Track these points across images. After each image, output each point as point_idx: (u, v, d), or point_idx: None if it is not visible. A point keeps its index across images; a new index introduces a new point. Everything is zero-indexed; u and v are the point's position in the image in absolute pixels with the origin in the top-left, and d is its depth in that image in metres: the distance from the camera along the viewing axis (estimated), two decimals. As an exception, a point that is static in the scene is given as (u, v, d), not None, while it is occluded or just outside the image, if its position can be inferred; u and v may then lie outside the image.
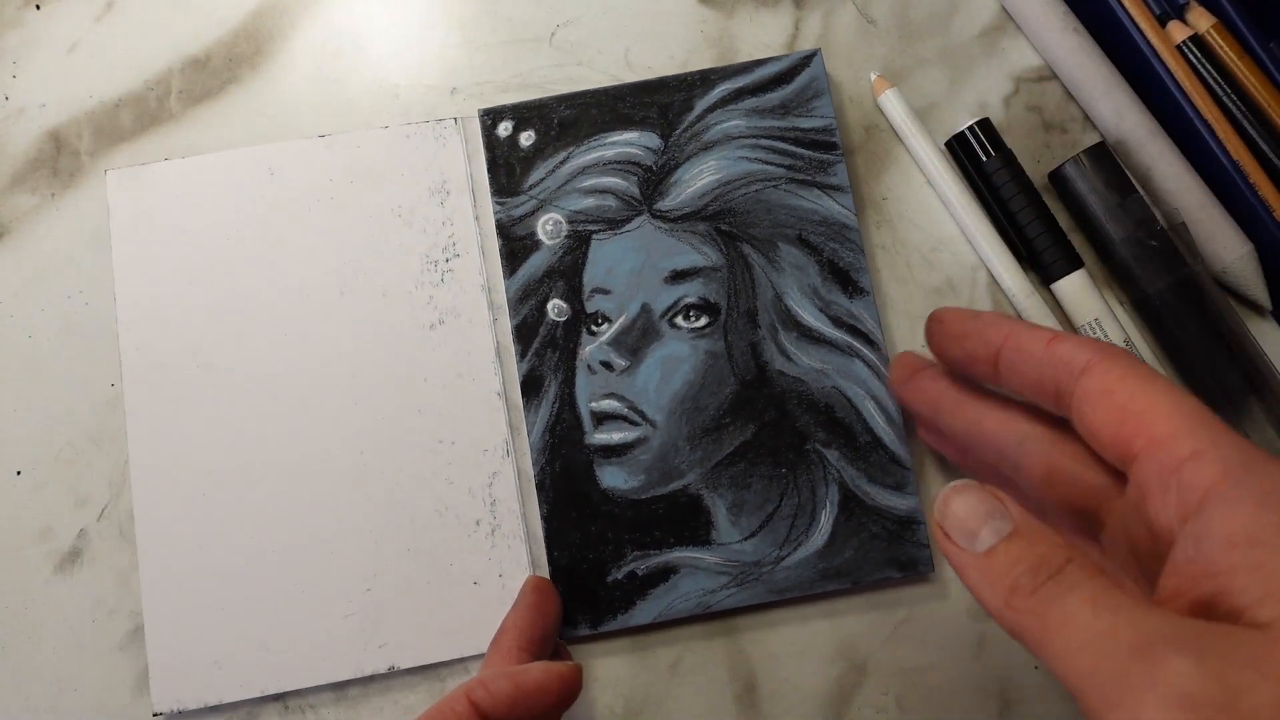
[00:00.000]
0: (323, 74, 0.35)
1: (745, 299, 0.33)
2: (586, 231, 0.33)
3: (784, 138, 0.33)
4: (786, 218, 0.33)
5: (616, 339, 0.32)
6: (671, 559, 0.31)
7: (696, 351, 0.32)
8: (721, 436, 0.32)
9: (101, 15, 0.36)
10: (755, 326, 0.32)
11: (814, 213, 0.33)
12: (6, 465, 0.32)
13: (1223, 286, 0.34)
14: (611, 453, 0.32)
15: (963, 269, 0.35)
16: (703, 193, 0.33)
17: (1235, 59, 0.34)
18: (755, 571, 0.31)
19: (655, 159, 0.33)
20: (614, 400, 0.32)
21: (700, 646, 0.32)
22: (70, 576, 0.32)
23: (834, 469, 0.32)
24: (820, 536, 0.31)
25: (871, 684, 0.32)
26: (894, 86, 0.35)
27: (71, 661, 0.31)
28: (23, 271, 0.34)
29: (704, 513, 0.31)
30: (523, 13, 0.36)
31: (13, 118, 0.35)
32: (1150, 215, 0.33)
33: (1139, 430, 0.21)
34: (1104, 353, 0.22)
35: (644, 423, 0.32)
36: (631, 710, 0.31)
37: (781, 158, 0.33)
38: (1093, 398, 0.22)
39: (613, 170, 0.33)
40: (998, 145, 0.34)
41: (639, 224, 0.33)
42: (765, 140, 0.34)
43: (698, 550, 0.31)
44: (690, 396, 0.32)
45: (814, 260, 0.33)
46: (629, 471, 0.32)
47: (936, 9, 0.37)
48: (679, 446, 0.32)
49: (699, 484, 0.32)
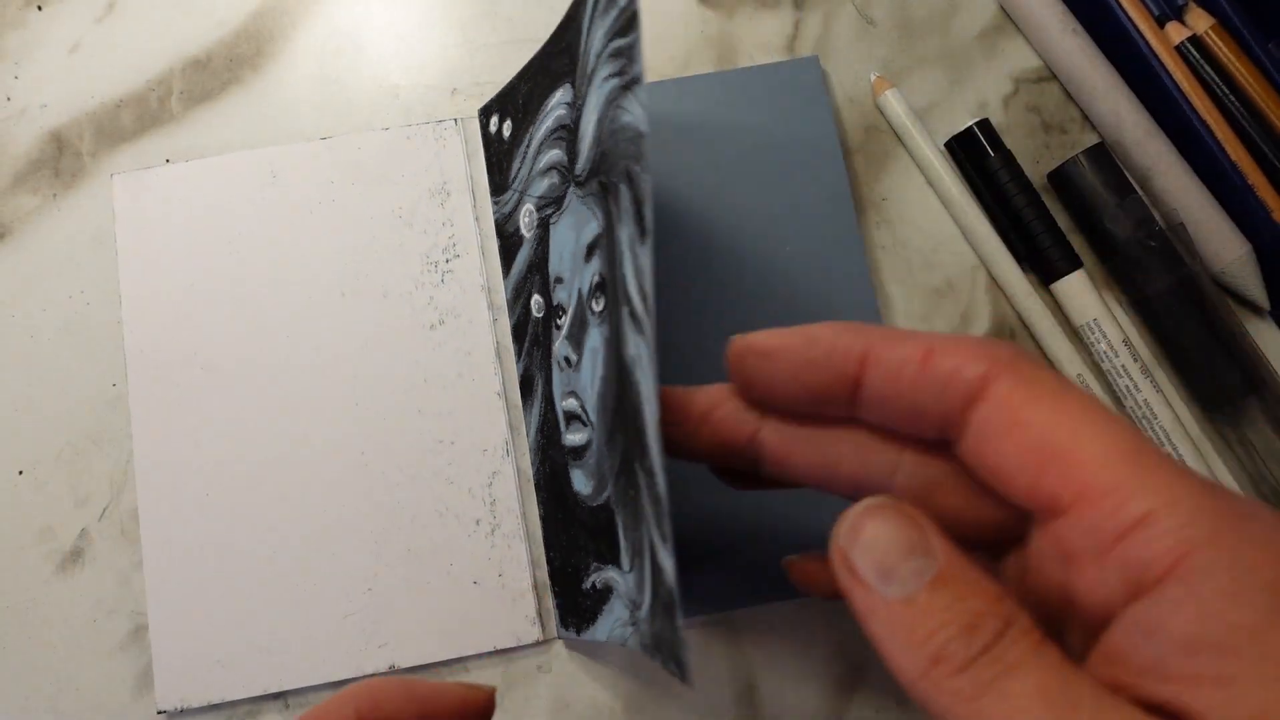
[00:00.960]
0: (323, 74, 0.36)
1: (614, 268, 0.24)
2: (545, 216, 0.29)
3: (613, 38, 0.24)
4: (622, 146, 0.23)
5: (569, 332, 0.28)
6: (606, 577, 0.26)
7: (604, 340, 0.26)
8: (614, 442, 0.25)
9: (103, 16, 0.36)
10: (618, 304, 0.24)
11: (626, 129, 0.23)
12: (7, 465, 0.33)
13: (1221, 287, 0.34)
14: (575, 455, 0.28)
15: (963, 269, 0.35)
16: (592, 142, 0.26)
17: (1234, 60, 0.34)
18: (634, 616, 0.24)
19: (572, 115, 0.27)
20: (573, 399, 0.28)
21: (700, 646, 0.32)
22: (71, 576, 0.32)
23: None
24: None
25: (871, 684, 0.32)
26: (894, 87, 0.35)
27: (71, 661, 0.31)
28: (24, 272, 0.34)
29: (614, 531, 0.26)
30: (523, 13, 0.36)
31: (14, 118, 0.35)
32: (1149, 216, 0.33)
33: (1064, 479, 0.16)
34: (999, 362, 0.17)
35: (589, 424, 0.27)
36: (631, 710, 0.31)
37: (616, 63, 0.24)
38: (995, 431, 0.17)
39: (553, 141, 0.28)
40: (997, 145, 0.34)
41: (569, 197, 0.28)
42: (608, 53, 0.24)
43: (616, 573, 0.26)
44: (604, 394, 0.26)
45: (632, 202, 0.22)
46: (586, 475, 0.28)
47: (936, 9, 0.37)
48: (603, 451, 0.26)
49: (611, 497, 0.26)
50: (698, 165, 0.33)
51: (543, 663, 0.32)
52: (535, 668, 0.32)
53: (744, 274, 0.33)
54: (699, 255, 0.33)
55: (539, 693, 0.31)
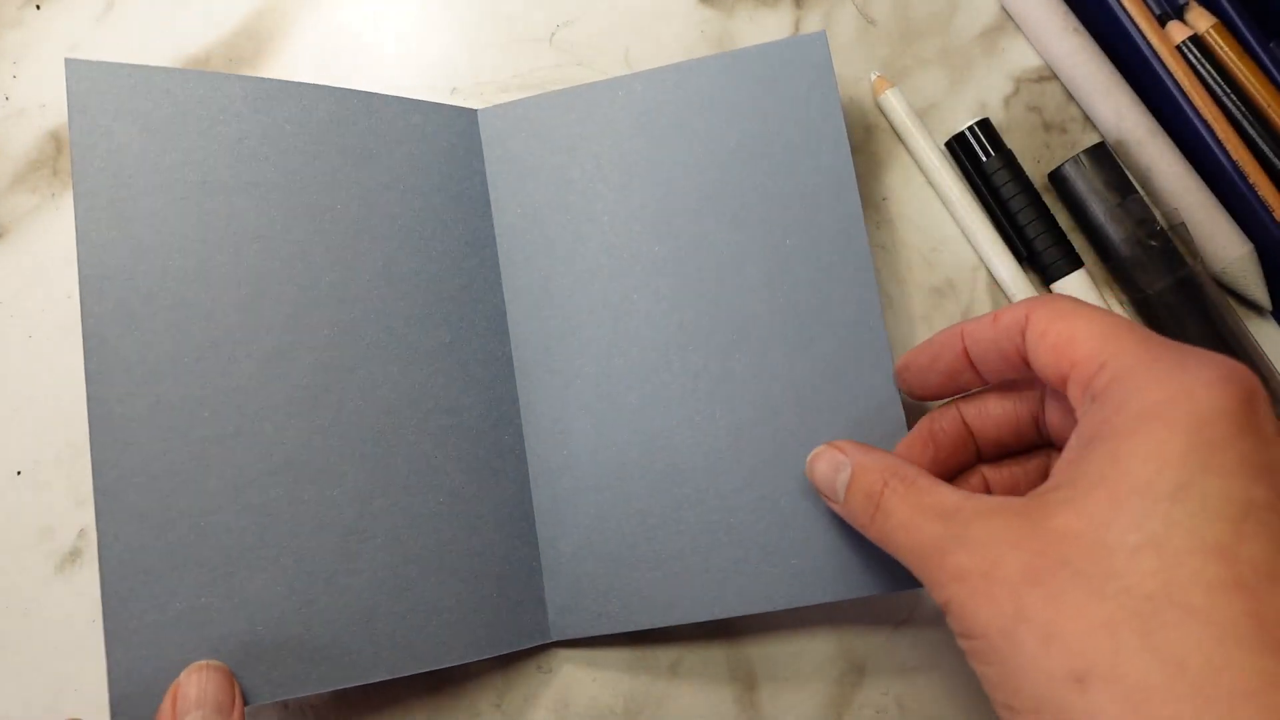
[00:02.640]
0: (323, 74, 0.35)
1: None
2: None
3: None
4: None
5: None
6: None
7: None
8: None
9: (102, 16, 0.36)
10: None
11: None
12: (6, 465, 0.33)
13: (1222, 286, 0.34)
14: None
15: (963, 269, 0.35)
16: None
17: (1235, 59, 0.34)
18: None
19: None
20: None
21: (700, 646, 0.32)
22: (70, 576, 0.32)
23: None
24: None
25: (871, 684, 0.32)
26: (894, 86, 0.35)
27: (71, 661, 0.31)
28: (23, 271, 0.34)
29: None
30: (523, 13, 0.36)
31: (13, 118, 0.35)
32: (1150, 215, 0.33)
33: (1066, 358, 0.22)
34: (1036, 304, 0.24)
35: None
36: (631, 710, 0.31)
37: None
38: (1034, 347, 0.23)
39: None
40: (998, 145, 0.34)
41: None
42: None
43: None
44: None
45: None
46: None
47: (936, 9, 0.37)
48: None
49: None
50: (697, 154, 0.32)
51: (542, 663, 0.32)
52: (535, 667, 0.32)
53: (745, 267, 0.31)
54: (695, 249, 0.32)
55: (539, 692, 0.31)
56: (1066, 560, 0.19)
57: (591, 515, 0.31)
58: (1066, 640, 0.18)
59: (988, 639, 0.20)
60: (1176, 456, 0.19)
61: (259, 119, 0.29)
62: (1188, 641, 0.17)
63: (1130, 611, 0.18)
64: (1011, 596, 0.19)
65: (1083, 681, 0.18)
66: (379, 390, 0.30)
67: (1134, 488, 0.19)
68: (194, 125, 0.28)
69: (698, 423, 0.31)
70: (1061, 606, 0.19)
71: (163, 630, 0.26)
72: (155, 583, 0.26)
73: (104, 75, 0.28)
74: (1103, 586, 0.18)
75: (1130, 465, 0.19)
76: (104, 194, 0.27)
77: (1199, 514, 0.18)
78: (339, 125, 0.31)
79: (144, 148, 0.28)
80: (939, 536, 0.22)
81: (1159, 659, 0.17)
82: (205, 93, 0.29)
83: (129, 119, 0.28)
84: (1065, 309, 0.23)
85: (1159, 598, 0.18)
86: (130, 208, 0.27)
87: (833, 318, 0.31)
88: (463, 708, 0.31)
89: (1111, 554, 0.18)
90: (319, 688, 0.28)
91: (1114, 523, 0.19)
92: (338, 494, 0.29)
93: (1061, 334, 0.22)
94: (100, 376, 0.26)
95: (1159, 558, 0.18)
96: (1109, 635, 0.18)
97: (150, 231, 0.27)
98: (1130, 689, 0.17)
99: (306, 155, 0.30)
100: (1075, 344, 0.22)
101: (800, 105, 0.32)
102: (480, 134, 0.33)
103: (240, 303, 0.28)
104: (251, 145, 0.29)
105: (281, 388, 0.28)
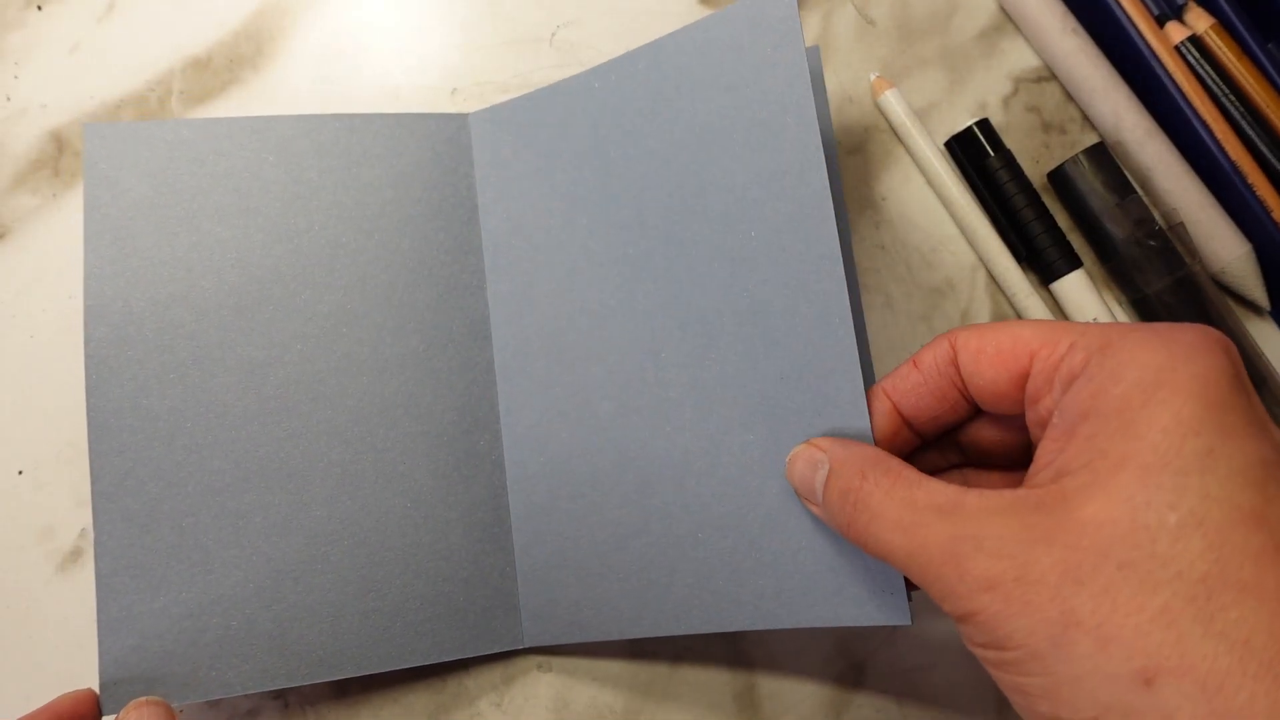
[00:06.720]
0: (324, 74, 0.36)
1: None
2: None
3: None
4: None
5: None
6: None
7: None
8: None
9: (103, 16, 0.36)
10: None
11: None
12: (7, 465, 0.33)
13: (1221, 286, 0.34)
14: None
15: (962, 269, 0.35)
16: None
17: (1233, 59, 0.34)
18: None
19: None
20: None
21: (700, 646, 0.32)
22: (71, 576, 0.32)
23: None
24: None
25: (871, 684, 0.32)
26: (894, 86, 0.35)
27: (71, 661, 0.31)
28: (24, 272, 0.34)
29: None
30: (523, 13, 0.36)
31: (14, 118, 0.35)
32: (1149, 215, 0.33)
33: (1019, 357, 0.22)
34: (955, 332, 0.23)
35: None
36: (631, 710, 0.31)
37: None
38: (972, 365, 0.23)
39: None
40: (997, 145, 0.34)
41: None
42: None
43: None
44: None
45: None
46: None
47: (936, 9, 0.37)
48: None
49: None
50: (666, 143, 0.29)
51: (543, 662, 0.32)
52: (535, 667, 0.32)
53: (711, 263, 0.28)
54: (665, 249, 0.29)
55: (539, 692, 0.31)
56: (1107, 552, 0.18)
57: (567, 524, 0.30)
58: (1125, 639, 0.17)
59: (1030, 648, 0.18)
60: (1196, 422, 0.18)
61: (243, 155, 0.31)
62: (1248, 619, 0.17)
63: (1186, 598, 0.17)
64: (1054, 600, 0.18)
65: (1151, 681, 0.17)
66: (348, 400, 0.31)
67: (1163, 461, 0.18)
68: (185, 167, 0.31)
69: (668, 433, 0.29)
70: (1113, 603, 0.17)
71: (149, 622, 0.28)
72: (143, 578, 0.29)
73: (113, 133, 0.31)
74: (1153, 575, 0.17)
75: (1151, 437, 0.18)
76: (108, 234, 0.30)
77: (1228, 482, 0.17)
78: (318, 152, 0.32)
79: (142, 192, 0.30)
80: (949, 539, 0.19)
81: (1226, 643, 0.17)
82: (196, 137, 0.31)
83: (131, 168, 0.31)
84: (989, 325, 0.23)
85: (1213, 578, 0.17)
86: (128, 244, 0.30)
87: (798, 314, 0.26)
88: (463, 707, 0.31)
89: (1154, 538, 0.17)
90: (288, 682, 0.29)
91: (1150, 503, 0.18)
92: (306, 498, 0.30)
93: (1003, 342, 0.22)
94: (98, 390, 0.29)
95: (1204, 535, 0.17)
96: (1169, 626, 0.17)
97: (144, 263, 0.30)
98: (1202, 679, 0.17)
99: (285, 183, 0.32)
100: (1023, 341, 0.22)
101: (766, 71, 0.27)
102: (471, 139, 0.33)
103: (221, 322, 0.30)
104: (235, 181, 0.31)
105: (256, 400, 0.30)
